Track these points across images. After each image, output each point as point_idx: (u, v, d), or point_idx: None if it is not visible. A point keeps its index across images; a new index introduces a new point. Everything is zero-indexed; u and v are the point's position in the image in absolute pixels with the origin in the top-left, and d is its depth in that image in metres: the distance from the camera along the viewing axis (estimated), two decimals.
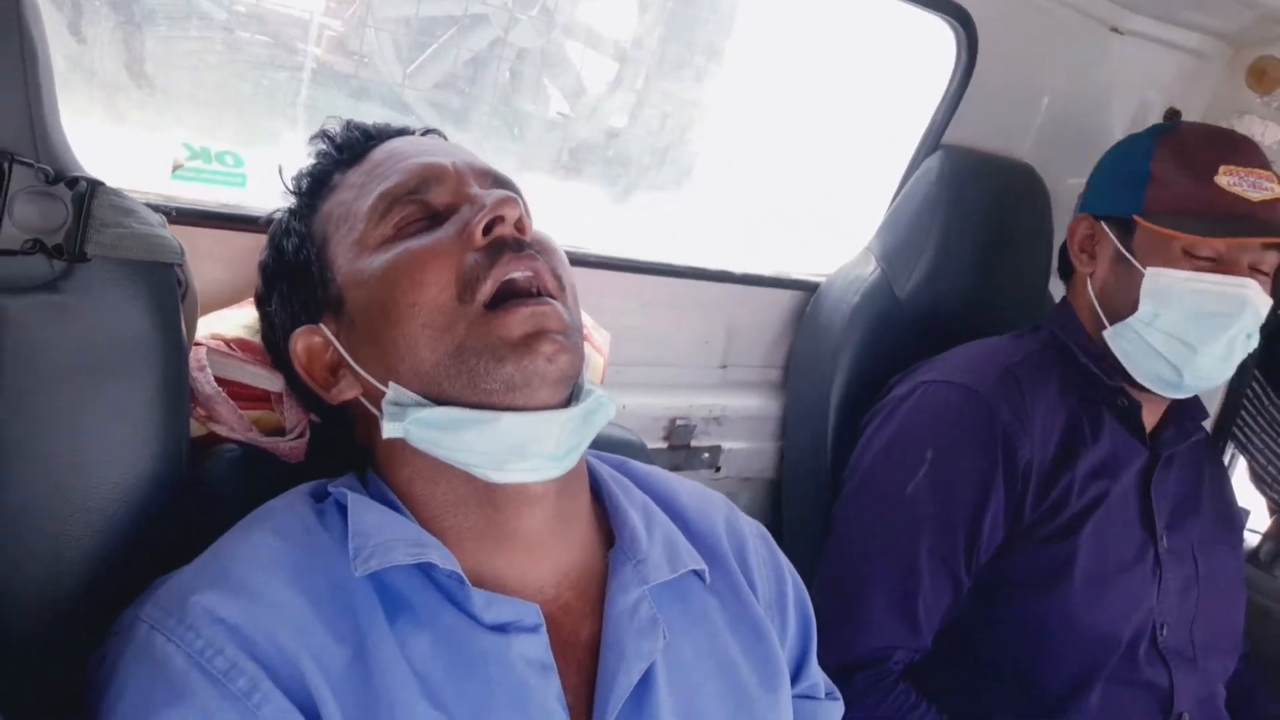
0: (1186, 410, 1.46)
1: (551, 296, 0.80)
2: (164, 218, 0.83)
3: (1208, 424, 1.68)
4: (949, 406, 1.36)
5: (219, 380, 0.93)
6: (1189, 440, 1.45)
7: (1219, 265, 1.30)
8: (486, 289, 0.77)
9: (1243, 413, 1.88)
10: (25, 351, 0.73)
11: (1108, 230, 1.38)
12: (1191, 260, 1.30)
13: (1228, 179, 1.30)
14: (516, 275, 0.78)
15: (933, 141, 1.69)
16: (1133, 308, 1.33)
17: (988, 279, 1.66)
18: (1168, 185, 1.33)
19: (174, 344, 0.81)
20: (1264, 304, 1.30)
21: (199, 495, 0.87)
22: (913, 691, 1.30)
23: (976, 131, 1.70)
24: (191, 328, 0.88)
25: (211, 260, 1.03)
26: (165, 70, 1.09)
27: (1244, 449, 1.91)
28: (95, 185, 0.74)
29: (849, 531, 1.40)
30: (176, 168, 1.06)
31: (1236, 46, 1.77)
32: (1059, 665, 1.29)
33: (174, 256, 0.81)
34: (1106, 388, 1.38)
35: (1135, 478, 1.37)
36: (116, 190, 0.76)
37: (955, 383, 1.37)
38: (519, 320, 0.76)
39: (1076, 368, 1.39)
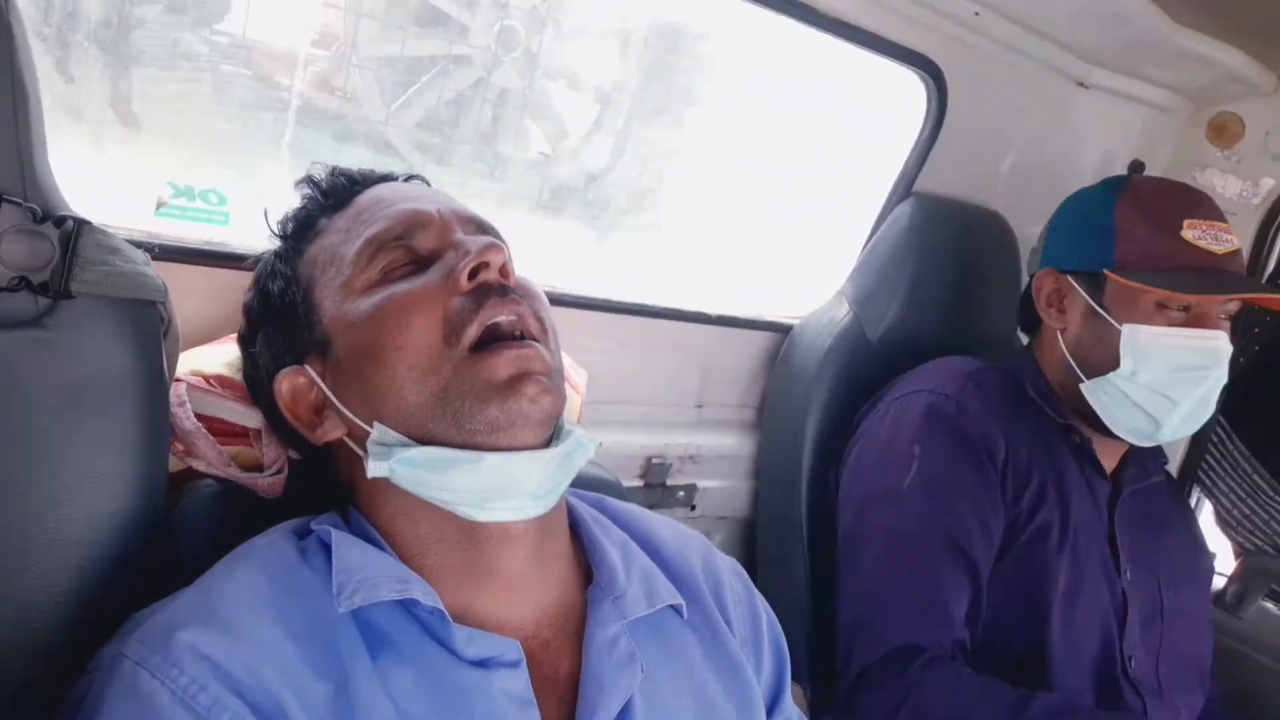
0: (1146, 452, 1.48)
1: (535, 339, 0.82)
2: (148, 255, 0.83)
3: (1173, 468, 1.72)
4: (922, 408, 1.39)
5: (198, 416, 0.93)
6: (1149, 480, 1.47)
7: (1190, 318, 1.32)
8: (472, 332, 0.79)
9: (1207, 457, 1.91)
10: (8, 386, 0.73)
11: (1075, 285, 1.40)
12: (1165, 313, 1.32)
13: (1193, 233, 1.32)
14: (501, 319, 0.80)
15: (904, 189, 1.73)
16: (1111, 363, 1.34)
17: (957, 323, 1.70)
18: (1135, 240, 1.35)
19: (156, 380, 0.82)
20: (1229, 351, 1.33)
21: (177, 530, 0.87)
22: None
23: (946, 179, 1.74)
24: (173, 364, 0.89)
25: (194, 296, 1.03)
26: (151, 109, 1.11)
27: (1209, 492, 1.93)
28: (81, 224, 0.75)
29: (860, 551, 1.39)
30: (160, 205, 1.07)
31: (1197, 102, 1.83)
32: (1055, 688, 1.30)
33: (157, 294, 0.81)
34: (1057, 424, 1.41)
35: (1099, 510, 1.40)
36: (102, 229, 0.77)
37: (924, 389, 1.41)
38: (504, 363, 0.78)
39: (1031, 401, 1.43)
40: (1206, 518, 1.94)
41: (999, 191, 1.83)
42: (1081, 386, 1.38)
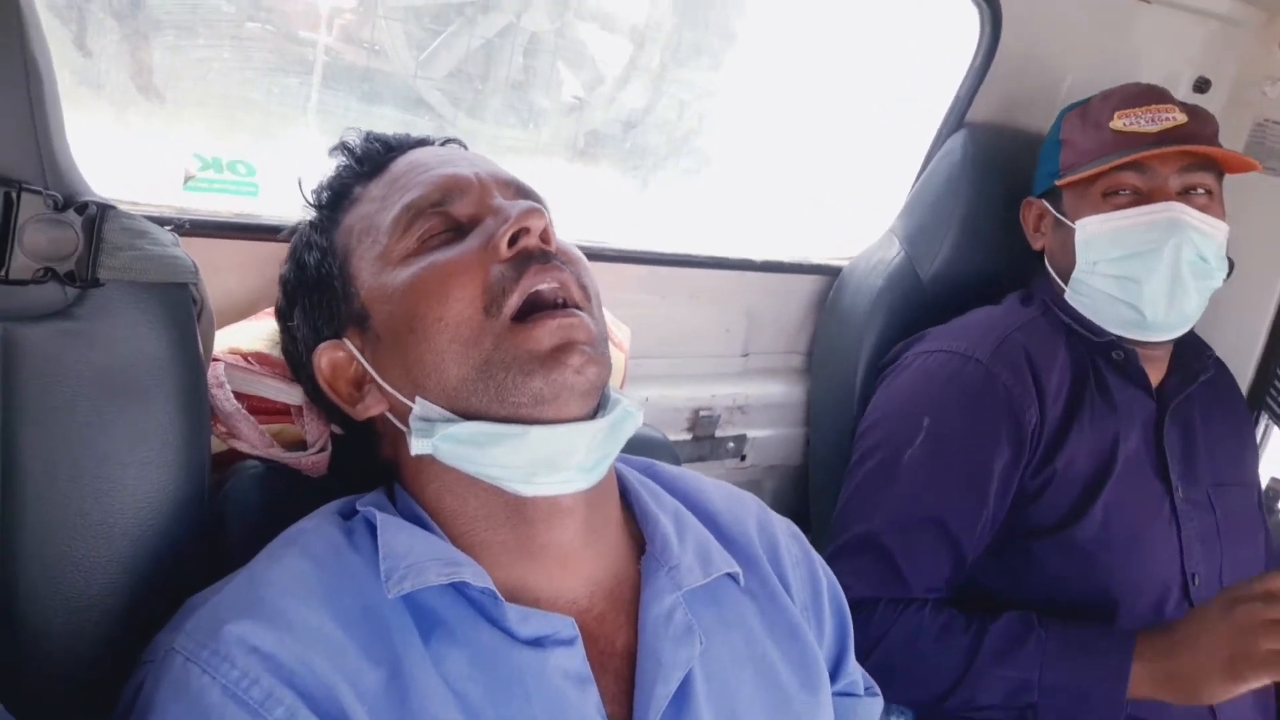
0: (1189, 352, 1.46)
1: (578, 307, 0.79)
2: (176, 236, 0.82)
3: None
4: (945, 374, 1.37)
5: (238, 395, 0.92)
6: (1196, 382, 1.44)
7: (1144, 199, 1.33)
8: (513, 302, 0.77)
9: (1277, 381, 1.85)
10: (44, 379, 0.72)
11: (1046, 204, 1.45)
12: (1112, 201, 1.35)
13: (1123, 121, 1.36)
14: (543, 287, 0.78)
15: (956, 120, 1.66)
16: (1076, 263, 1.38)
17: (1013, 258, 1.63)
18: (1073, 145, 1.41)
19: (192, 363, 0.81)
20: (1206, 223, 1.32)
21: (224, 512, 0.87)
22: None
23: (1000, 109, 1.67)
24: (208, 345, 0.88)
25: (226, 271, 1.02)
26: (173, 81, 1.08)
27: (1278, 419, 1.88)
28: (105, 209, 0.73)
29: (847, 499, 1.40)
30: (188, 179, 1.05)
31: (1270, 11, 1.72)
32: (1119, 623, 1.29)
33: (188, 276, 0.80)
34: (1097, 343, 1.39)
35: (1145, 431, 1.38)
36: (127, 213, 0.75)
37: (953, 351, 1.39)
38: (547, 333, 0.76)
39: (1071, 330, 1.41)
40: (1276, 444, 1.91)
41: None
42: (1066, 297, 1.41)
